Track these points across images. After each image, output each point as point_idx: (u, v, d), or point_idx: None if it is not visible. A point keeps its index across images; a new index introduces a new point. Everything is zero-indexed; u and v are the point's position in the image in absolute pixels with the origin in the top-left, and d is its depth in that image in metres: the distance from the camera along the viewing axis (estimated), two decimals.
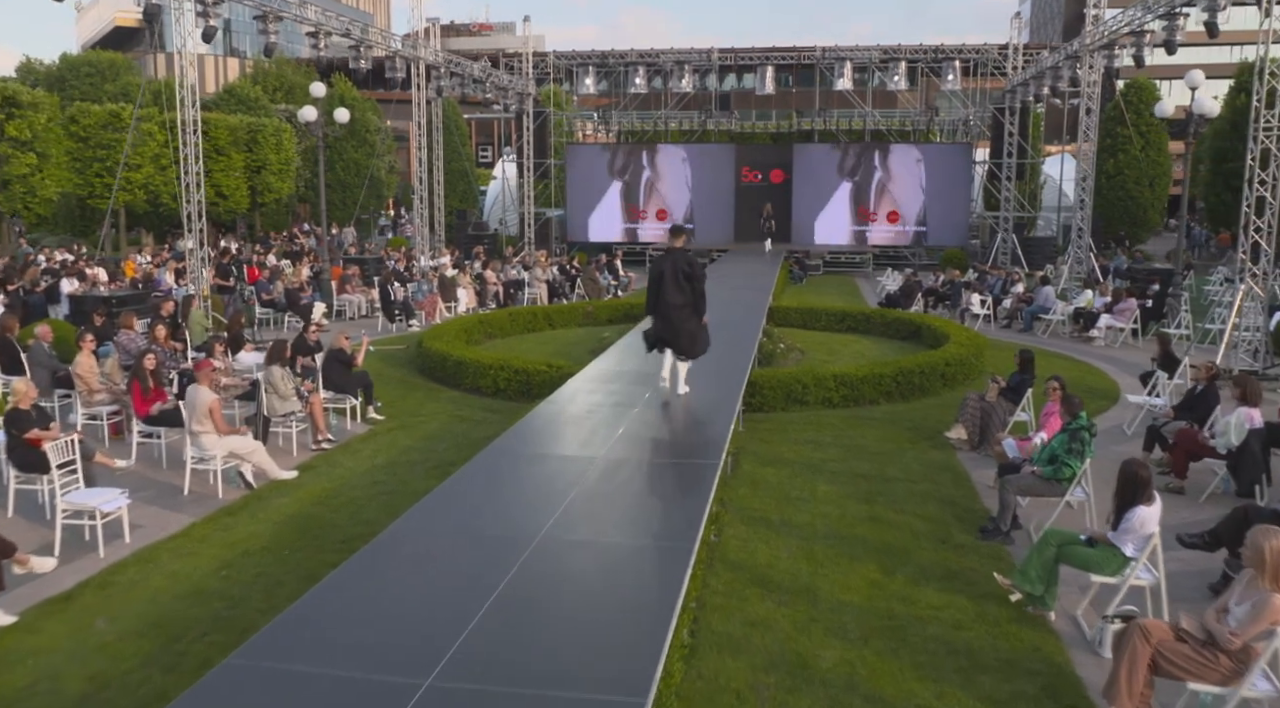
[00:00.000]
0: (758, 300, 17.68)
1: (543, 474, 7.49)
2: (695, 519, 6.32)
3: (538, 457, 8.01)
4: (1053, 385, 9.11)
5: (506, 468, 7.58)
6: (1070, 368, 15.55)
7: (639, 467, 7.73)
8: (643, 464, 7.81)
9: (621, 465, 7.65)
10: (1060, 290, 23.85)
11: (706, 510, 6.55)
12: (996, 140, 33.54)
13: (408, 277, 24.43)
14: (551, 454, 8.05)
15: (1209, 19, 17.19)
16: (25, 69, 62.01)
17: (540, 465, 7.77)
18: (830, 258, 33.60)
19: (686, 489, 7.20)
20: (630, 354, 13.18)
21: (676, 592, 5.34)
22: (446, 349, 14.39)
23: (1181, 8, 18.03)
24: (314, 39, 20.72)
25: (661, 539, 6.15)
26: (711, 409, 9.78)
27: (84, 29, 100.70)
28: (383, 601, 5.24)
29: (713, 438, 8.46)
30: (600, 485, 7.16)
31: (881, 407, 12.62)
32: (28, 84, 58.20)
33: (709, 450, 8.05)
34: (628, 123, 40.39)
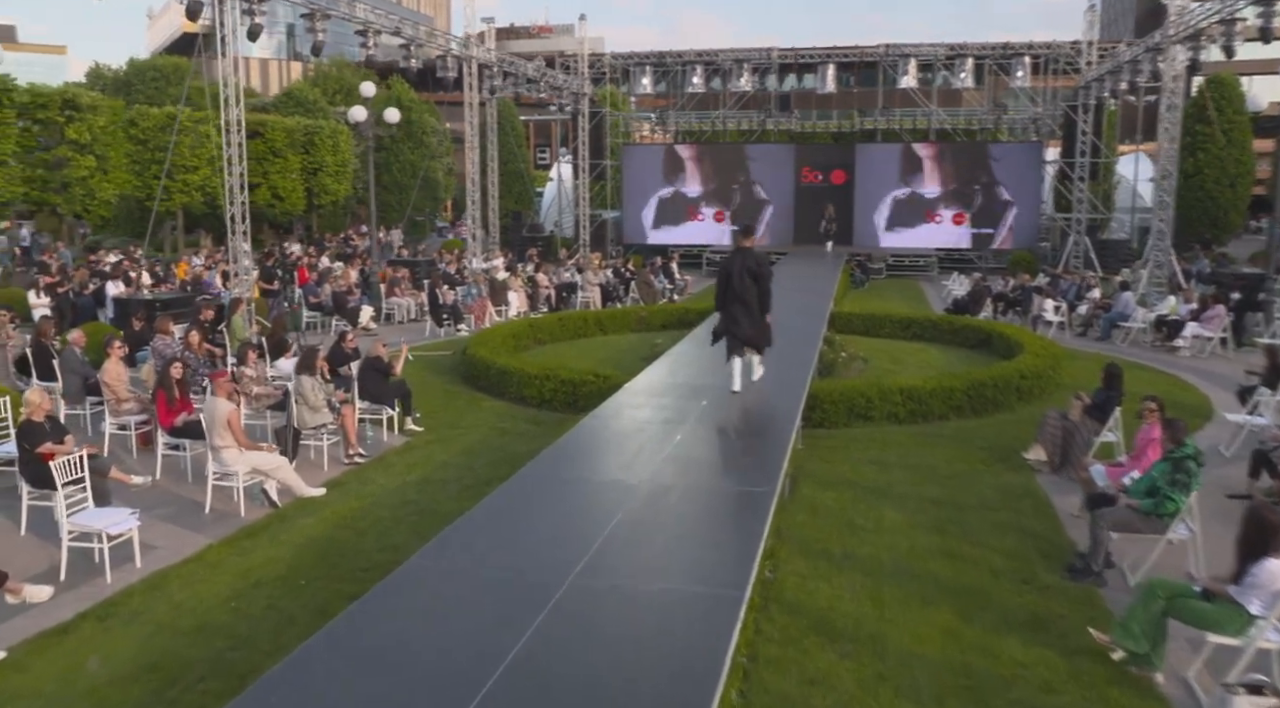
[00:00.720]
0: (818, 306, 16.85)
1: (578, 503, 6.79)
2: (747, 560, 5.58)
3: (575, 482, 7.32)
4: (1149, 407, 8.20)
5: (539, 495, 6.91)
6: (1156, 381, 14.50)
7: (686, 495, 7.00)
8: (690, 492, 7.08)
9: (666, 493, 6.94)
10: (1140, 296, 22.63)
11: (760, 549, 5.82)
12: (1068, 139, 32.19)
13: (459, 280, 23.97)
14: (590, 479, 7.35)
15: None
16: (94, 75, 63.14)
17: (577, 492, 7.08)
18: (893, 261, 32.51)
19: (738, 523, 6.47)
20: (683, 363, 12.48)
21: (724, 648, 4.63)
22: (491, 357, 13.79)
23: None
24: (363, 37, 20.32)
25: (708, 584, 5.41)
26: (768, 426, 9.04)
27: (154, 35, 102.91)
28: (386, 654, 4.58)
29: (768, 461, 7.70)
30: (641, 517, 6.45)
31: (951, 423, 11.73)
32: (96, 90, 59.31)
33: (764, 476, 7.30)
34: (685, 123, 39.66)
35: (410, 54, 21.97)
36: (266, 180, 37.63)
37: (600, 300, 24.08)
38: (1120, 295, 19.16)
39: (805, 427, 11.18)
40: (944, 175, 33.61)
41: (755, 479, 7.27)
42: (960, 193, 33.43)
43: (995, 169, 33.09)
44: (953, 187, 33.50)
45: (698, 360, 12.63)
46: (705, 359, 12.61)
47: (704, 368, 12.01)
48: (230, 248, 18.66)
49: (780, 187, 35.16)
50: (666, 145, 38.52)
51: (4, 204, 30.71)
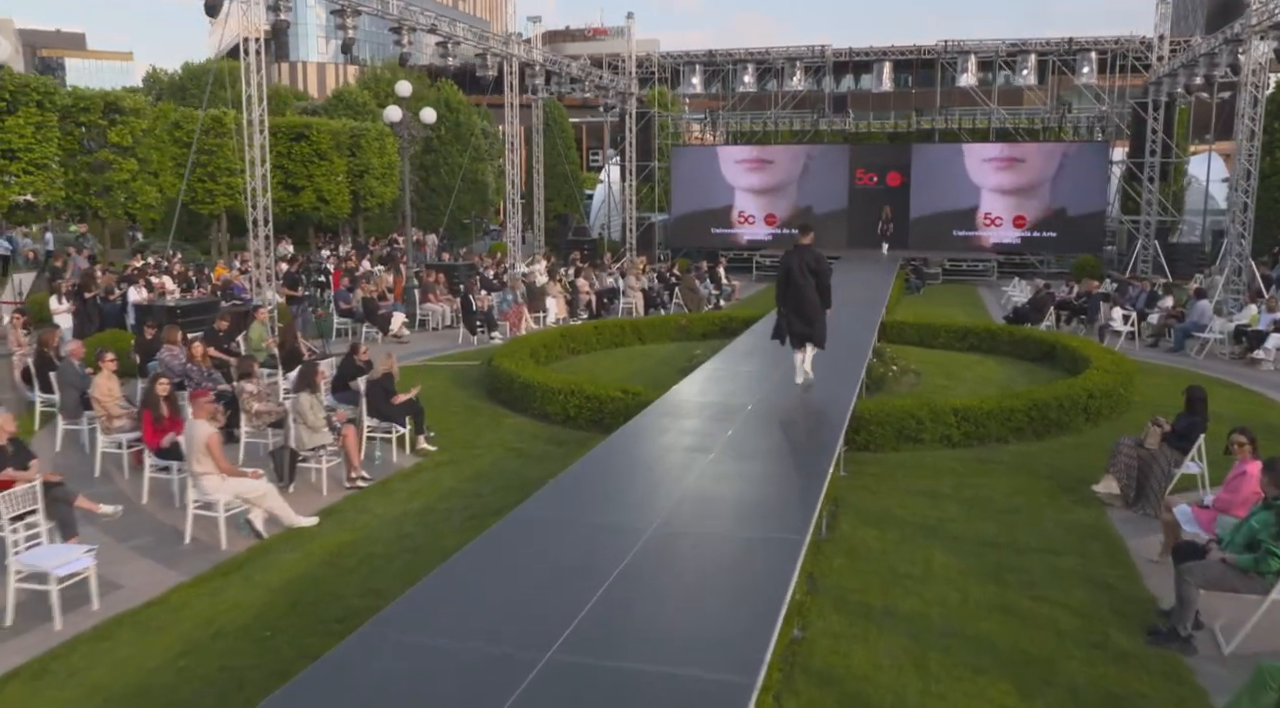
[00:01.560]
0: (868, 315, 15.80)
1: (571, 557, 5.89)
2: (762, 636, 4.65)
3: (575, 525, 6.42)
4: (1239, 441, 7.12)
5: (528, 543, 6.04)
6: (1237, 399, 13.25)
7: (699, 544, 6.08)
8: (705, 540, 6.16)
9: (676, 542, 6.03)
10: (1215, 304, 21.19)
11: (779, 619, 4.88)
12: (1137, 138, 30.63)
13: (497, 284, 23.28)
14: (593, 522, 6.46)
15: None
16: (151, 78, 63.85)
17: (575, 539, 6.18)
18: (950, 266, 31.22)
19: (758, 584, 5.53)
20: (716, 379, 11.57)
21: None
22: (515, 369, 12.99)
23: None
24: (397, 34, 19.69)
25: (713, 667, 4.49)
26: (803, 456, 8.10)
27: (213, 40, 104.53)
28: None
29: (801, 500, 6.76)
30: (643, 575, 5.56)
31: (1011, 447, 10.66)
32: (152, 94, 59.93)
33: (794, 519, 6.36)
34: (736, 124, 38.67)
35: (447, 52, 21.32)
36: (311, 183, 37.40)
37: (643, 307, 23.22)
38: (1196, 304, 17.83)
39: (849, 450, 10.23)
40: (1004, 176, 32.21)
41: (782, 525, 6.33)
42: (1022, 194, 32.01)
43: (1059, 170, 31.63)
44: (1014, 188, 32.09)
45: (733, 376, 11.72)
46: (741, 375, 11.73)
47: (739, 384, 11.10)
48: (252, 253, 18.04)
49: (834, 189, 34.01)
50: (717, 146, 37.56)
51: (45, 207, 30.75)
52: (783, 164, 34.60)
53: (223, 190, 33.44)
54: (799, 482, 7.23)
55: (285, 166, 36.99)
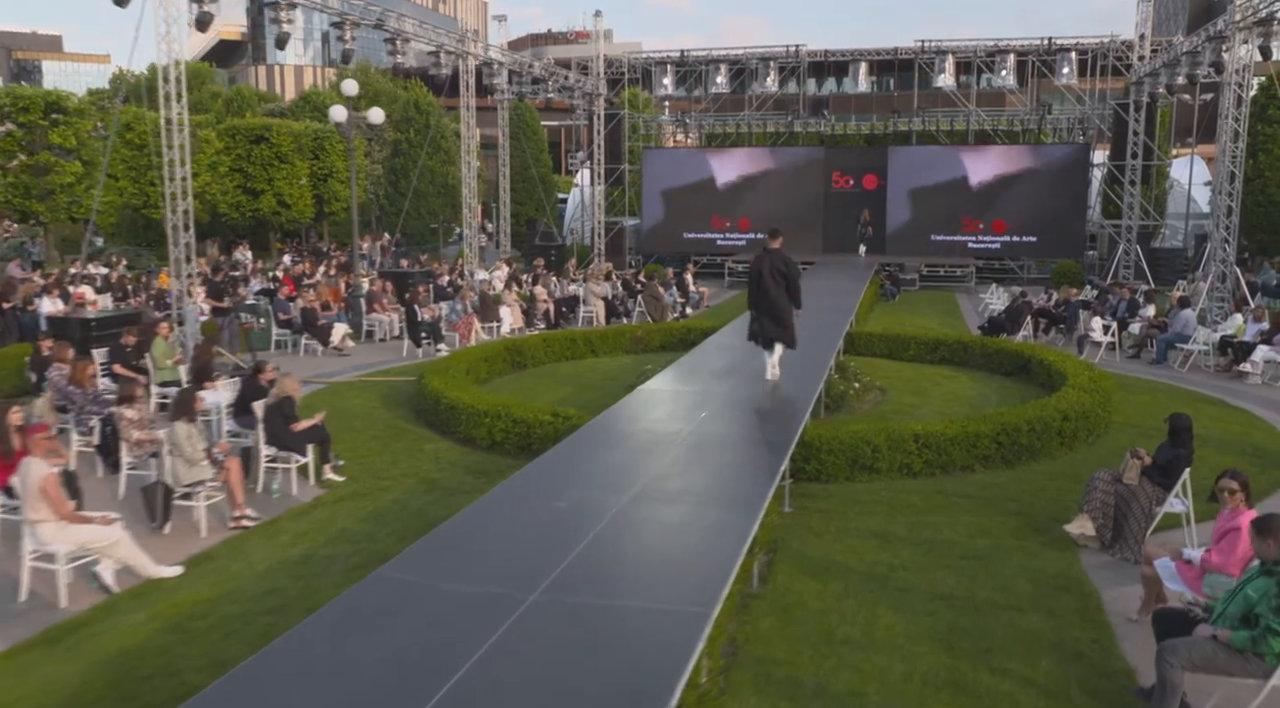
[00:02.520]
0: (832, 328, 14.80)
1: (423, 638, 4.84)
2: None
3: (434, 594, 5.36)
4: (1229, 487, 6.12)
5: (369, 626, 4.98)
6: (1223, 417, 12.32)
7: (582, 619, 5.03)
8: (590, 614, 5.11)
9: (553, 618, 4.98)
10: (1200, 313, 20.30)
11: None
12: (1118, 140, 29.76)
13: (451, 293, 22.22)
14: (458, 590, 5.39)
15: None
16: (117, 79, 62.51)
17: (431, 612, 5.13)
18: (927, 271, 30.28)
19: (648, 663, 4.50)
20: (658, 399, 10.56)
21: None
22: (441, 389, 11.92)
23: None
24: (339, 30, 18.61)
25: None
26: (735, 495, 7.07)
27: (195, 42, 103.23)
28: None
29: (719, 560, 5.70)
30: (504, 663, 4.51)
31: (977, 476, 9.66)
32: (118, 95, 58.62)
33: (704, 585, 5.32)
34: (709, 126, 37.71)
35: (395, 49, 20.25)
36: (272, 187, 36.32)
37: (604, 316, 22.21)
38: (1179, 314, 16.91)
39: (799, 481, 9.24)
40: (983, 179, 31.32)
41: (690, 591, 5.28)
42: (1001, 198, 31.12)
43: (1039, 173, 30.77)
44: (993, 192, 31.20)
45: (674, 397, 10.70)
46: (683, 396, 10.72)
47: (679, 407, 10.09)
48: (172, 261, 16.94)
49: (810, 192, 33.07)
50: (689, 148, 36.61)
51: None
52: (757, 167, 33.65)
53: None
54: (722, 532, 6.18)
55: (245, 170, 35.93)
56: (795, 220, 32.87)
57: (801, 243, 32.83)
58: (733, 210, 33.78)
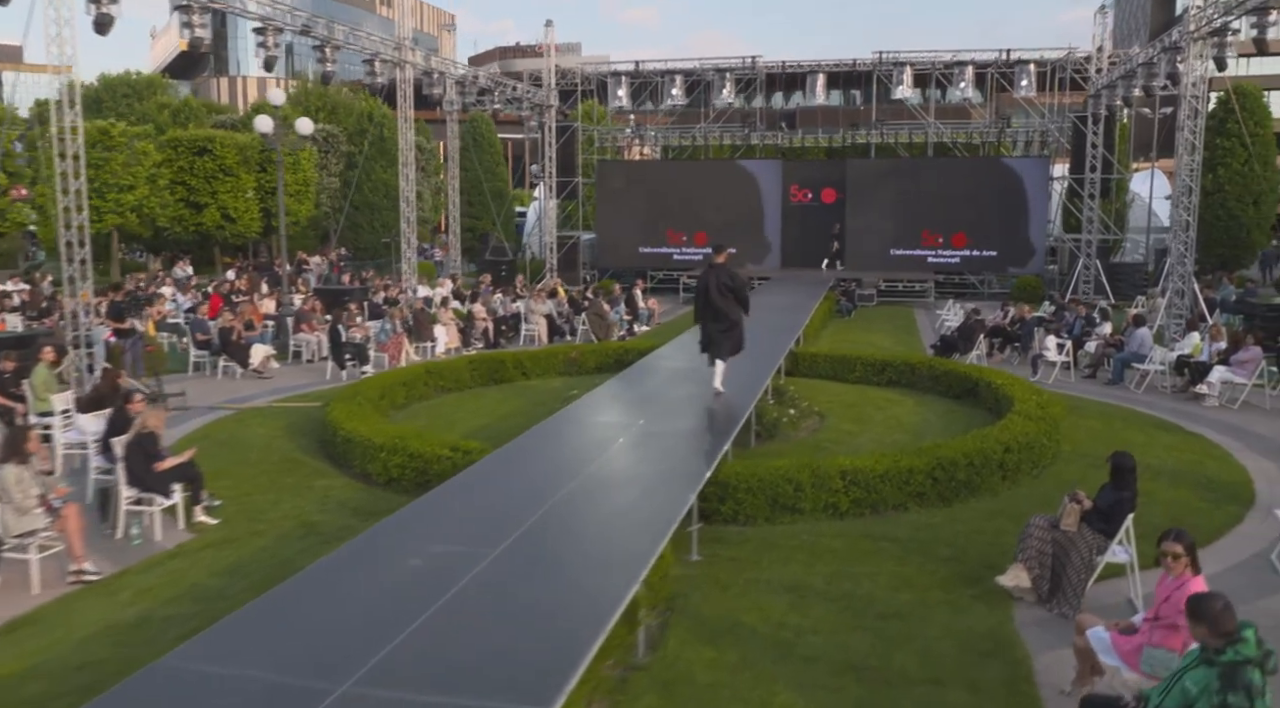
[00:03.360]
0: (771, 351, 14.00)
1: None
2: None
3: (240, 683, 4.48)
4: (1172, 551, 5.31)
5: None
6: (1177, 445, 11.61)
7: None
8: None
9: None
10: (1156, 329, 19.71)
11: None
12: (1077, 154, 29.32)
13: (384, 311, 21.28)
14: (263, 679, 4.51)
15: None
16: (69, 89, 60.98)
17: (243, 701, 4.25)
18: (886, 286, 29.65)
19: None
20: (572, 429, 9.77)
21: None
22: (339, 420, 11.02)
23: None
24: (261, 36, 17.67)
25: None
26: (619, 550, 6.23)
27: (156, 54, 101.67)
28: None
29: (571, 649, 4.83)
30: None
31: (910, 515, 8.85)
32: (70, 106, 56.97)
33: (546, 675, 4.45)
34: (666, 138, 37.02)
35: (325, 58, 19.34)
36: (215, 200, 35.16)
37: (547, 334, 21.35)
38: (1134, 332, 16.24)
39: (714, 522, 8.41)
40: (943, 193, 30.74)
41: (531, 688, 4.42)
42: (961, 212, 30.55)
43: (999, 186, 30.23)
44: (952, 205, 30.62)
45: (584, 428, 9.90)
46: (595, 427, 9.91)
47: (587, 440, 9.31)
48: (66, 280, 15.95)
49: (767, 206, 32.37)
50: (645, 161, 35.89)
51: None
52: (714, 180, 32.93)
53: (111, 207, 31.06)
54: (591, 603, 5.33)
55: (187, 182, 34.77)
56: (752, 235, 32.29)
57: (759, 258, 32.22)
58: (689, 225, 33.02)
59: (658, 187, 33.21)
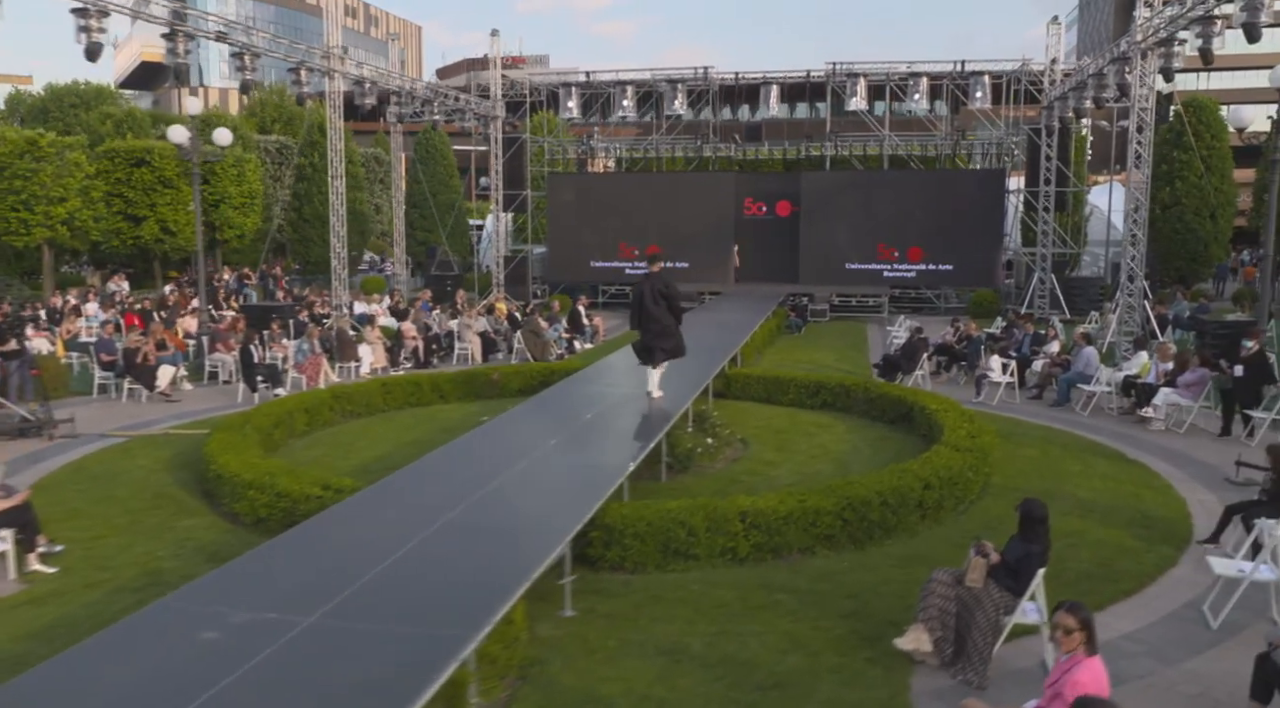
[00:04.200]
0: (695, 374, 13.23)
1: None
2: None
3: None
4: (1064, 624, 4.58)
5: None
6: (1116, 474, 10.93)
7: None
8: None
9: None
10: (1107, 346, 19.16)
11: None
12: (1033, 167, 28.88)
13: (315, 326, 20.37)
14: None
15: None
16: (15, 99, 59.75)
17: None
18: (839, 301, 29.02)
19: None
20: (456, 462, 9.03)
21: None
22: (213, 452, 10.15)
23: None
24: (170, 41, 16.73)
25: None
26: (455, 611, 5.44)
27: (119, 64, 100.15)
28: None
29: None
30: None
31: (817, 561, 8.09)
32: (15, 116, 55.82)
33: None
34: (618, 151, 36.34)
35: (245, 66, 18.43)
36: (154, 213, 34.05)
37: (481, 353, 20.52)
38: (1081, 351, 15.63)
39: (599, 570, 7.64)
40: (899, 206, 30.19)
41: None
42: (916, 225, 29.99)
43: (955, 199, 29.71)
44: (908, 219, 30.07)
45: (470, 461, 9.15)
46: (478, 461, 9.13)
47: (471, 473, 8.49)
48: None
49: (720, 219, 31.68)
50: (596, 174, 35.16)
51: None
52: (667, 194, 32.23)
53: (40, 220, 29.89)
54: (391, 692, 4.52)
55: (125, 195, 33.68)
56: (706, 248, 31.58)
57: (711, 274, 31.51)
58: (641, 238, 32.28)
59: (609, 200, 32.52)
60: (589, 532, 7.73)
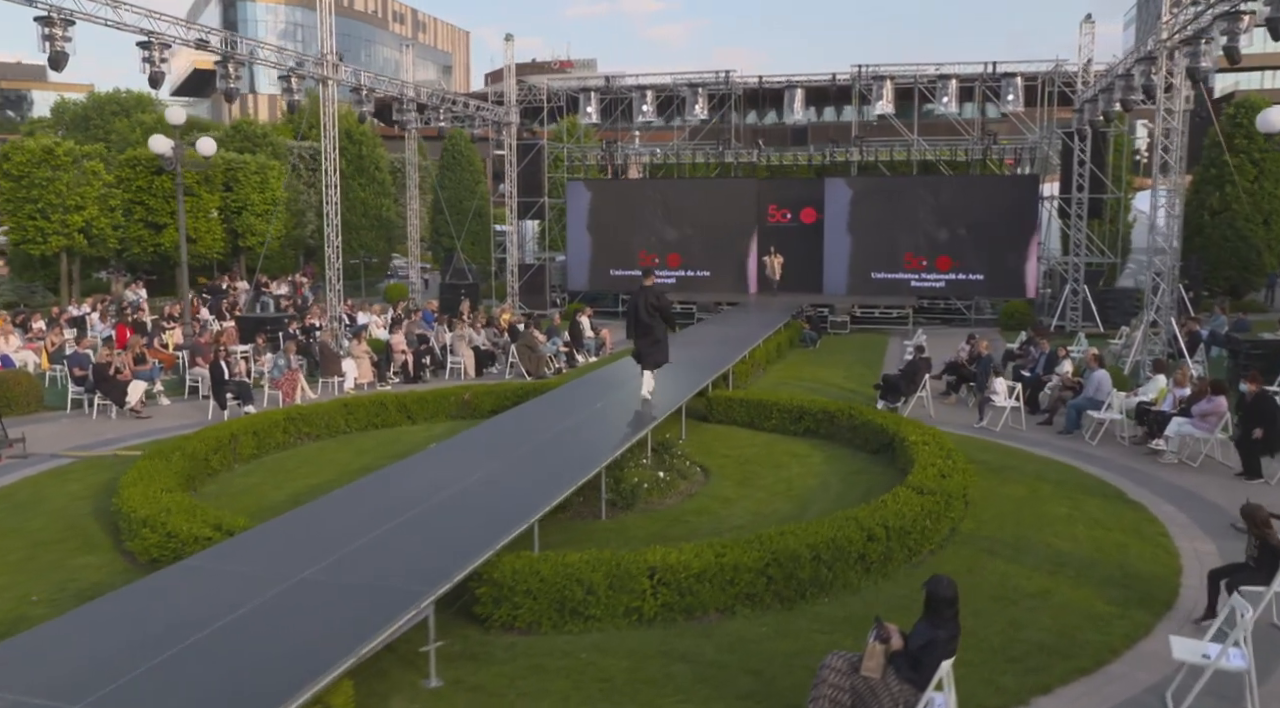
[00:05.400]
0: (662, 400, 12.42)
1: None
2: None
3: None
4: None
5: None
6: (1108, 519, 9.87)
7: None
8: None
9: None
10: (1130, 365, 17.96)
11: None
12: (1067, 172, 27.56)
13: (307, 342, 19.90)
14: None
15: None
16: (60, 108, 60.68)
17: None
18: (862, 313, 27.91)
19: None
20: (366, 497, 8.44)
21: None
22: (125, 482, 9.57)
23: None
24: (146, 52, 16.32)
25: None
26: (267, 691, 4.70)
27: (175, 71, 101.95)
28: None
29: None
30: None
31: (735, 623, 7.21)
32: (60, 125, 56.60)
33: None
34: (638, 157, 35.57)
35: (228, 74, 18.00)
36: (175, 220, 33.90)
37: (474, 368, 19.87)
38: (1091, 374, 14.49)
39: (490, 629, 6.88)
40: (927, 213, 29.05)
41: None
42: (946, 233, 28.83)
43: (985, 207, 28.48)
44: (937, 226, 28.92)
45: (383, 491, 8.50)
46: (400, 493, 8.43)
47: (376, 507, 7.84)
48: None
49: (743, 227, 30.77)
50: (616, 181, 34.40)
51: None
52: (687, 200, 31.40)
53: (56, 228, 29.90)
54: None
55: (146, 202, 33.64)
56: (727, 257, 30.73)
57: (729, 283, 30.61)
58: (661, 246, 31.56)
59: (629, 207, 31.78)
60: (477, 588, 6.98)
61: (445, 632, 6.99)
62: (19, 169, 29.52)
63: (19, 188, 29.62)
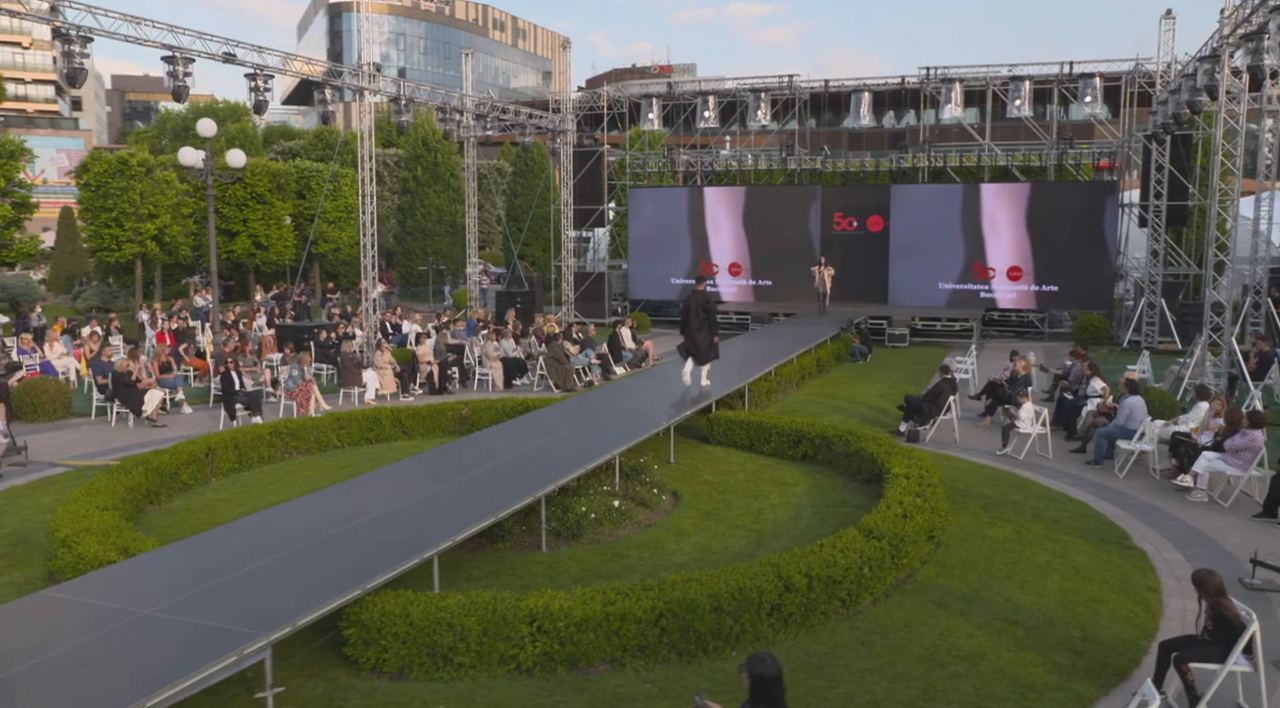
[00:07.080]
0: (633, 425, 11.89)
1: None
2: None
3: None
4: None
5: None
6: (1092, 569, 8.92)
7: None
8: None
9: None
10: (1183, 391, 16.64)
11: None
12: (1147, 177, 25.94)
13: (328, 349, 19.97)
14: None
15: None
16: (163, 118, 63.21)
17: None
18: (923, 325, 26.78)
19: None
20: (295, 514, 8.17)
21: None
22: (72, 496, 9.52)
23: None
24: (170, 65, 16.51)
25: None
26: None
27: (285, 82, 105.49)
28: None
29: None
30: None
31: (620, 677, 6.61)
32: (163, 135, 58.79)
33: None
34: (699, 164, 34.95)
35: (258, 88, 18.13)
36: (246, 228, 34.85)
37: (502, 379, 19.62)
38: (1124, 401, 13.36)
39: (361, 674, 6.48)
40: (998, 221, 27.75)
41: None
42: (1018, 242, 27.49)
43: (1061, 214, 27.03)
44: (1009, 235, 27.60)
45: (314, 514, 8.17)
46: (323, 513, 8.12)
47: (283, 535, 7.54)
48: None
49: (807, 235, 29.89)
50: (678, 188, 33.86)
51: None
52: (750, 208, 30.70)
53: (129, 236, 30.91)
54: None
55: (219, 210, 34.57)
56: (790, 266, 29.86)
57: (790, 292, 29.76)
58: (722, 255, 30.96)
59: (691, 215, 31.21)
60: (347, 629, 6.60)
61: (315, 671, 6.65)
62: (96, 179, 30.62)
63: (96, 197, 30.73)
